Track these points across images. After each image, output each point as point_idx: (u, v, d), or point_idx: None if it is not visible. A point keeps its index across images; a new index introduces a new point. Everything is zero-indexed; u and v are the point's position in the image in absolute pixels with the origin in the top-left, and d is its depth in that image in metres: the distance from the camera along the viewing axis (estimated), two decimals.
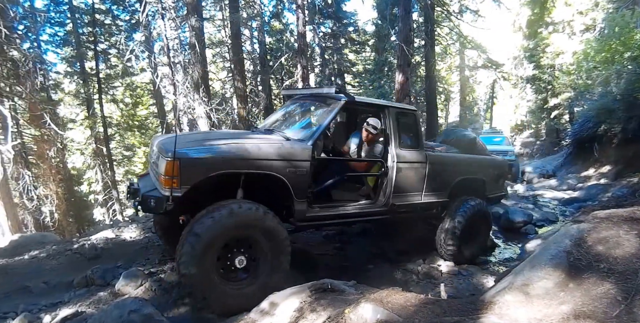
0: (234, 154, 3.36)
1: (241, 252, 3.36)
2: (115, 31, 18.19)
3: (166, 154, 3.11)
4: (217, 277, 3.20)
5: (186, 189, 3.12)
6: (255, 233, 3.33)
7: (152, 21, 13.82)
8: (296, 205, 3.68)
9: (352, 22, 20.55)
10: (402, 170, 4.53)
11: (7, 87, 11.40)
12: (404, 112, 4.77)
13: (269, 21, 18.43)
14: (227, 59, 17.80)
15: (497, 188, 6.01)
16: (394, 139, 4.49)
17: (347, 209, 4.19)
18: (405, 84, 12.51)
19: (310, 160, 3.67)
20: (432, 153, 4.96)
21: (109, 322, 2.79)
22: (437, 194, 5.01)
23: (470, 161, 5.59)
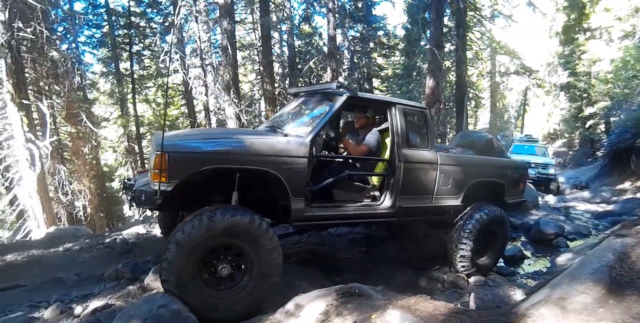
0: (226, 149, 3.25)
1: (227, 260, 3.19)
2: (150, 33, 18.72)
3: (156, 147, 3.05)
4: (198, 286, 3.03)
5: (175, 184, 3.02)
6: (239, 242, 3.15)
7: (185, 24, 14.20)
8: (293, 203, 3.50)
9: (382, 26, 20.47)
10: (410, 171, 4.29)
11: (47, 85, 11.87)
12: (413, 110, 4.52)
13: (298, 24, 18.57)
14: (256, 62, 18.03)
15: (517, 193, 5.63)
16: (401, 138, 4.25)
17: (349, 210, 3.99)
18: (436, 89, 12.34)
19: (307, 157, 3.51)
20: (443, 153, 4.70)
21: (138, 315, 2.83)
22: (450, 198, 4.73)
23: (485, 163, 5.25)
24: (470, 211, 4.91)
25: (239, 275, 3.23)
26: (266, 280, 3.25)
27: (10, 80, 9.51)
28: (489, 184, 5.17)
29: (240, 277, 3.23)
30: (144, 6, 18.57)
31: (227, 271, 3.16)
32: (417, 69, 19.66)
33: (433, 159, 4.50)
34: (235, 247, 3.18)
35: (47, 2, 10.10)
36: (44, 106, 10.37)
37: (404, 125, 4.28)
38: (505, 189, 5.31)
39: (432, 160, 4.49)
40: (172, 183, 3.01)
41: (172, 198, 3.34)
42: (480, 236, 4.89)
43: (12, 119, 9.63)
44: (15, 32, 9.11)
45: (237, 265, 3.24)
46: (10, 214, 10.51)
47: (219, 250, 3.15)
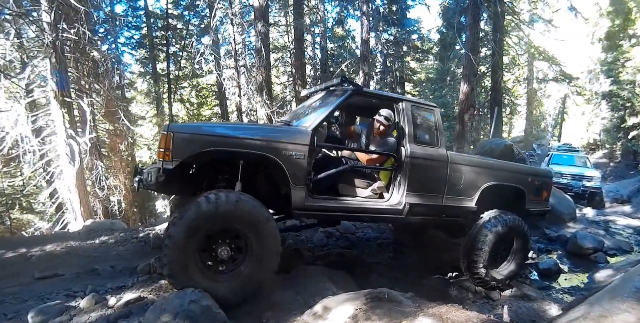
0: (228, 133, 3.37)
1: (227, 244, 3.26)
2: (186, 35, 19.23)
3: (164, 128, 3.22)
4: (198, 271, 3.12)
5: (177, 162, 3.13)
6: (241, 227, 3.21)
7: (220, 26, 14.48)
8: (293, 191, 3.52)
9: (416, 29, 20.26)
10: (418, 168, 4.23)
11: (87, 84, 12.34)
12: (422, 107, 4.50)
13: (331, 27, 18.62)
14: (288, 64, 18.19)
15: (540, 202, 5.34)
16: (408, 134, 4.24)
17: (353, 203, 3.96)
18: (470, 94, 12.10)
19: (308, 145, 3.55)
20: (454, 152, 4.59)
21: (169, 309, 2.88)
22: (462, 199, 4.57)
23: (502, 166, 5.04)
24: (486, 218, 4.72)
25: (238, 260, 3.31)
26: (264, 267, 3.31)
27: (54, 79, 9.94)
28: (507, 189, 4.95)
29: (239, 261, 3.31)
30: (182, 8, 19.09)
31: (227, 254, 3.24)
32: (451, 73, 19.33)
33: (443, 157, 4.41)
34: (236, 232, 3.25)
35: (90, 4, 10.52)
36: (85, 104, 10.77)
37: (411, 120, 4.28)
38: (526, 196, 5.08)
39: (442, 157, 4.40)
40: (175, 162, 3.13)
41: (178, 182, 3.55)
42: (496, 246, 4.69)
43: (54, 115, 10.05)
44: (59, 33, 9.51)
45: (236, 250, 3.31)
46: (50, 206, 10.96)
47: (220, 233, 3.22)
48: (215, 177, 3.72)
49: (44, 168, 10.75)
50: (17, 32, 10.22)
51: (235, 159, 3.44)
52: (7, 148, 9.39)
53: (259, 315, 3.37)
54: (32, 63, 10.73)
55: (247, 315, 3.35)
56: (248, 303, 3.56)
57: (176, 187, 3.76)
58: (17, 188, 12.91)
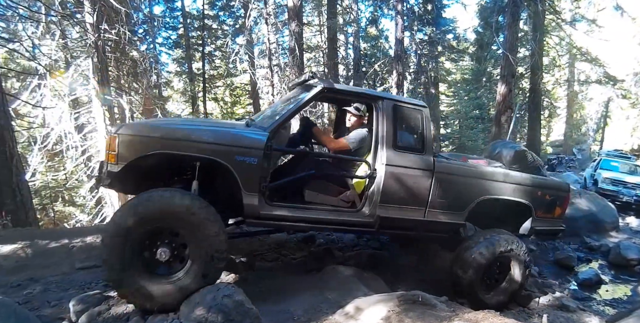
0: (175, 135, 3.18)
1: (168, 245, 3.03)
2: (221, 35, 19.60)
3: (112, 130, 3.16)
4: (139, 273, 2.96)
5: (123, 165, 3.04)
6: (179, 226, 3.00)
7: (254, 26, 14.68)
8: (245, 198, 3.26)
9: (451, 29, 19.87)
10: (395, 176, 3.72)
11: (126, 83, 12.78)
12: (407, 107, 3.92)
13: (365, 27, 18.52)
14: (321, 64, 18.22)
15: (551, 219, 4.58)
16: (386, 137, 3.72)
17: (318, 213, 3.58)
18: (508, 95, 11.76)
19: (262, 149, 3.25)
20: (443, 161, 4.08)
21: (203, 303, 2.91)
22: (449, 214, 4.01)
23: (503, 177, 4.27)
24: (475, 240, 4.11)
25: (180, 261, 3.09)
26: (210, 267, 3.06)
27: (95, 78, 10.34)
28: (508, 204, 4.30)
29: (181, 262, 3.09)
30: (217, 9, 19.47)
31: (166, 255, 3.00)
32: (487, 74, 18.83)
33: (427, 165, 3.86)
34: (176, 232, 3.05)
35: (130, 5, 10.89)
36: (124, 102, 11.18)
37: (391, 122, 3.76)
38: (533, 213, 4.37)
39: (426, 166, 3.86)
40: (120, 165, 3.06)
41: (134, 181, 3.42)
42: (487, 269, 4.11)
43: (96, 112, 10.46)
44: (101, 34, 9.89)
45: (178, 251, 3.09)
46: (90, 200, 11.41)
47: (159, 234, 3.04)
48: (176, 175, 3.58)
49: (85, 164, 11.18)
50: (62, 33, 10.69)
51: (191, 161, 3.28)
52: (52, 143, 9.81)
53: (290, 312, 3.38)
54: (75, 62, 11.23)
55: (278, 313, 3.36)
56: (280, 301, 3.58)
57: (133, 185, 3.57)
58: (60, 182, 13.50)
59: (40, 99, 10.29)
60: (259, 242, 5.15)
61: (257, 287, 3.78)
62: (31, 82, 10.67)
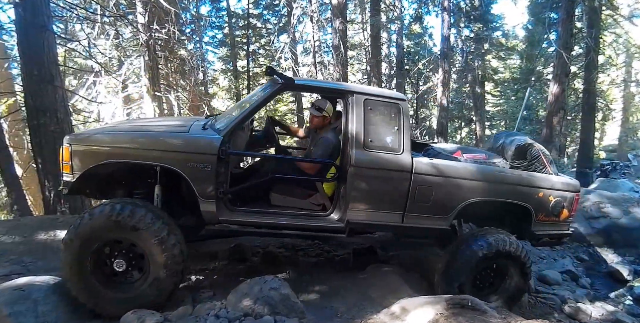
0: (123, 144, 3.13)
1: (124, 255, 3.04)
2: (265, 33, 19.88)
3: (64, 141, 3.14)
4: (98, 283, 2.98)
5: (78, 175, 3.04)
6: (129, 236, 2.97)
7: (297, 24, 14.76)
8: (202, 205, 3.15)
9: (499, 25, 19.16)
10: (366, 178, 3.39)
11: (175, 80, 13.24)
12: (380, 101, 3.52)
13: (408, 24, 18.21)
14: (363, 62, 18.10)
15: (555, 223, 4.06)
16: (356, 136, 3.38)
17: (283, 219, 3.38)
18: (561, 96, 11.22)
19: (217, 154, 3.11)
20: (423, 160, 3.59)
21: (250, 295, 2.98)
22: (431, 218, 3.61)
23: (495, 176, 3.76)
24: (465, 238, 3.78)
25: (136, 271, 3.10)
26: (164, 274, 3.00)
27: (147, 75, 10.80)
28: (503, 207, 3.85)
29: (137, 272, 3.09)
30: (261, 8, 19.76)
31: (122, 266, 3.02)
32: (536, 73, 18.00)
33: (404, 165, 3.46)
34: (129, 242, 3.03)
35: (179, 6, 11.27)
36: (173, 98, 11.60)
37: (361, 119, 3.41)
38: (533, 217, 3.88)
39: (403, 166, 3.45)
40: (75, 175, 3.06)
41: (97, 186, 3.44)
42: (480, 274, 3.77)
43: (147, 108, 10.93)
44: (152, 33, 10.29)
45: (134, 262, 3.09)
46: None
47: (113, 245, 3.04)
48: (139, 179, 3.49)
49: None
50: (116, 33, 11.22)
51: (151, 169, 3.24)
52: None
53: (334, 309, 3.39)
54: (128, 61, 11.77)
55: (322, 309, 3.38)
56: (323, 297, 3.58)
57: (98, 190, 3.61)
58: None
59: (96, 95, 10.87)
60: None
61: (300, 281, 3.81)
62: (87, 80, 11.29)
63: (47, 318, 2.90)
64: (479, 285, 3.80)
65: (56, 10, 8.90)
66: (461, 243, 3.72)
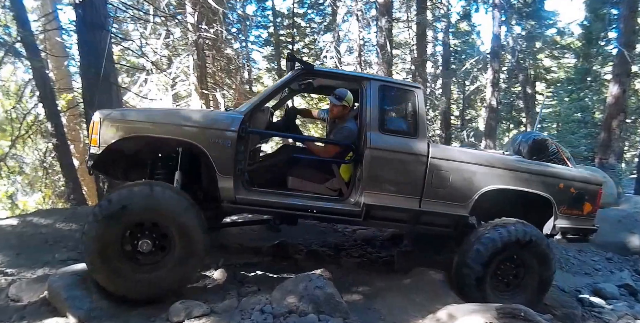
0: (151, 119, 3.28)
1: (148, 236, 3.07)
2: (309, 32, 19.96)
3: (95, 115, 3.28)
4: (123, 265, 3.01)
5: (104, 148, 3.17)
6: (157, 218, 3.04)
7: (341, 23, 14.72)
8: (220, 181, 3.23)
9: (553, 22, 18.20)
10: (383, 161, 3.45)
11: (221, 79, 13.57)
12: (396, 87, 3.70)
13: (456, 22, 17.69)
14: (407, 61, 17.79)
15: (578, 217, 3.91)
16: (372, 119, 3.46)
17: (299, 200, 3.44)
18: (621, 97, 10.51)
19: (236, 131, 3.23)
20: (439, 146, 3.67)
21: (295, 292, 2.98)
22: (450, 205, 3.59)
23: (514, 165, 3.74)
24: (484, 228, 3.64)
25: (161, 252, 3.12)
26: (188, 258, 3.07)
27: (195, 73, 11.13)
28: (523, 197, 3.77)
29: (162, 254, 3.12)
30: (306, 7, 19.86)
31: (148, 247, 3.04)
32: (592, 73, 16.97)
33: (420, 150, 3.51)
34: (157, 224, 3.08)
35: (226, 6, 11.52)
36: (219, 96, 11.90)
37: (377, 104, 3.51)
38: (555, 209, 3.78)
39: (419, 150, 3.51)
40: (101, 147, 3.19)
41: (123, 168, 3.60)
42: (498, 266, 3.64)
43: (194, 106, 11.28)
44: (201, 33, 10.59)
45: (159, 243, 3.12)
46: None
47: (140, 226, 3.07)
48: (160, 164, 3.62)
49: None
50: (167, 33, 11.64)
51: (173, 148, 3.36)
52: None
53: (377, 311, 3.33)
54: (177, 59, 12.18)
55: (365, 310, 3.33)
56: (366, 298, 3.53)
57: (120, 171, 3.75)
58: None
59: (147, 92, 11.34)
60: (345, 237, 5.17)
61: (343, 281, 3.78)
62: (139, 77, 11.79)
63: (100, 304, 3.04)
64: (499, 278, 3.69)
65: (111, 11, 9.36)
66: (479, 232, 3.62)
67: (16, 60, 8.90)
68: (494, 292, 3.61)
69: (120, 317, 2.99)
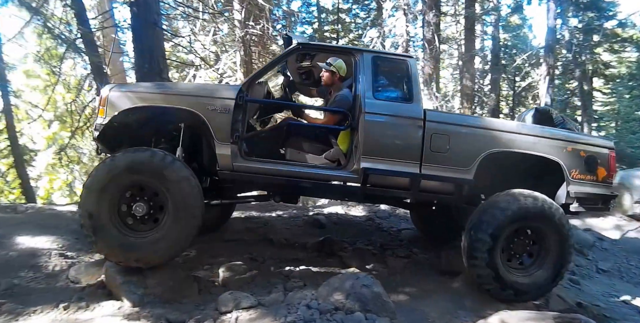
0: (153, 90, 3.53)
1: (143, 200, 3.20)
2: (354, 28, 19.80)
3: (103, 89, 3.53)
4: (118, 229, 3.13)
5: (110, 118, 3.36)
6: (147, 178, 3.17)
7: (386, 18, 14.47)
8: (218, 148, 3.36)
9: (613, 14, 16.97)
10: (379, 126, 3.50)
11: None
12: (388, 58, 3.81)
13: (506, 15, 16.93)
14: (453, 56, 17.25)
15: (592, 183, 3.68)
16: (366, 86, 3.53)
17: (296, 168, 3.48)
18: None
19: (233, 99, 3.37)
20: (435, 110, 3.52)
21: (341, 289, 2.98)
22: (451, 169, 3.49)
23: (515, 127, 3.68)
24: (489, 200, 3.52)
25: (157, 214, 3.24)
26: (184, 214, 3.16)
27: (241, 69, 11.31)
28: (528, 161, 3.59)
29: (158, 215, 3.23)
30: (351, 2, 19.70)
31: (143, 210, 3.18)
32: None
33: (415, 114, 3.52)
34: (148, 185, 3.22)
35: (272, 2, 11.62)
36: None
37: (370, 72, 3.58)
38: (566, 173, 3.57)
39: (414, 114, 3.52)
40: (107, 118, 3.39)
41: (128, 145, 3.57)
42: (511, 238, 3.47)
43: None
44: (248, 29, 10.74)
45: (155, 205, 3.24)
46: None
47: (132, 190, 3.22)
48: (165, 140, 3.77)
49: None
50: (215, 29, 11.89)
51: (175, 121, 3.51)
52: None
53: (425, 313, 3.25)
54: (225, 56, 12.43)
55: (412, 311, 3.26)
56: (412, 299, 3.44)
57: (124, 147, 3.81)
58: None
59: None
60: (390, 237, 5.09)
61: (389, 281, 3.73)
62: (188, 73, 12.14)
63: (153, 290, 3.18)
64: (512, 253, 3.54)
65: (163, 9, 9.68)
66: (487, 203, 3.52)
67: (76, 56, 9.38)
68: (507, 268, 3.44)
69: (171, 304, 3.11)
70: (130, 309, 2.95)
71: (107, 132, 3.47)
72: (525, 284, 3.43)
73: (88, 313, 2.90)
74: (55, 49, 10.47)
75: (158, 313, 2.87)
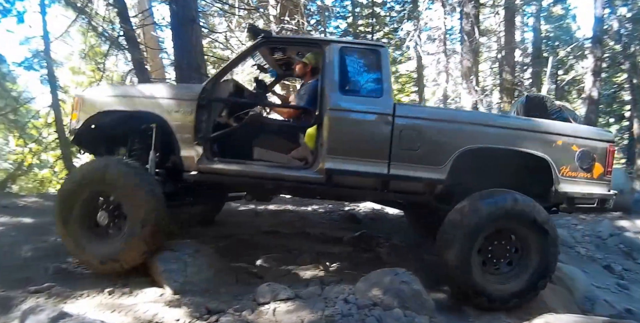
0: (118, 93, 3.54)
1: (106, 209, 3.27)
2: (389, 22, 19.51)
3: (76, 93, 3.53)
4: (85, 236, 3.22)
5: (83, 121, 3.43)
6: (106, 188, 3.20)
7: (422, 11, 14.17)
8: (182, 150, 3.32)
9: None
10: (343, 122, 3.29)
11: None
12: (358, 49, 3.55)
13: (548, 6, 16.19)
14: (492, 49, 16.71)
15: (588, 180, 3.34)
16: (332, 81, 3.32)
17: (262, 169, 3.36)
18: None
19: (195, 100, 3.29)
20: (406, 105, 3.28)
21: (379, 284, 2.93)
22: (422, 168, 3.23)
23: (496, 120, 3.43)
24: (467, 199, 3.17)
25: (115, 228, 3.28)
26: (142, 220, 3.11)
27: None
28: (512, 157, 3.26)
29: (121, 224, 3.24)
30: None
31: (105, 219, 3.25)
32: None
33: (384, 109, 3.27)
34: (106, 195, 3.26)
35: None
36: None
37: (338, 66, 3.36)
38: (554, 170, 3.23)
39: (383, 110, 3.27)
40: (80, 122, 3.45)
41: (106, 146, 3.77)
42: (488, 242, 3.17)
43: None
44: (283, 24, 10.80)
45: (119, 213, 3.26)
46: None
47: (99, 200, 3.29)
48: (139, 142, 3.69)
49: None
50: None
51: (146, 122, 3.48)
52: None
53: (465, 313, 3.17)
54: None
55: (451, 311, 3.19)
56: (452, 299, 3.36)
57: (105, 151, 3.83)
58: None
59: None
60: None
61: (427, 279, 3.62)
62: None
63: (193, 278, 3.25)
64: (488, 257, 3.23)
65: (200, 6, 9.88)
66: (463, 203, 3.18)
67: (118, 53, 9.73)
68: (483, 274, 3.17)
69: (210, 293, 3.17)
70: (171, 296, 3.03)
71: (83, 135, 3.58)
72: (499, 290, 3.16)
73: (131, 299, 3.00)
74: (99, 47, 10.93)
75: (198, 301, 2.93)
